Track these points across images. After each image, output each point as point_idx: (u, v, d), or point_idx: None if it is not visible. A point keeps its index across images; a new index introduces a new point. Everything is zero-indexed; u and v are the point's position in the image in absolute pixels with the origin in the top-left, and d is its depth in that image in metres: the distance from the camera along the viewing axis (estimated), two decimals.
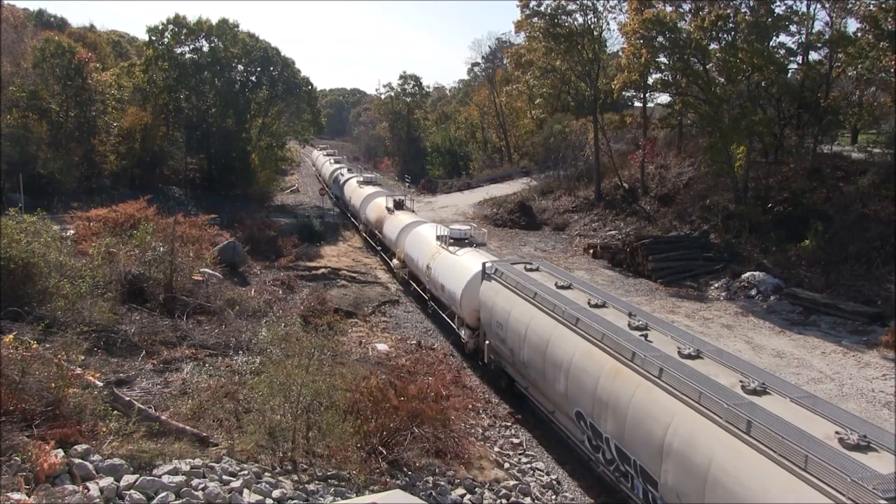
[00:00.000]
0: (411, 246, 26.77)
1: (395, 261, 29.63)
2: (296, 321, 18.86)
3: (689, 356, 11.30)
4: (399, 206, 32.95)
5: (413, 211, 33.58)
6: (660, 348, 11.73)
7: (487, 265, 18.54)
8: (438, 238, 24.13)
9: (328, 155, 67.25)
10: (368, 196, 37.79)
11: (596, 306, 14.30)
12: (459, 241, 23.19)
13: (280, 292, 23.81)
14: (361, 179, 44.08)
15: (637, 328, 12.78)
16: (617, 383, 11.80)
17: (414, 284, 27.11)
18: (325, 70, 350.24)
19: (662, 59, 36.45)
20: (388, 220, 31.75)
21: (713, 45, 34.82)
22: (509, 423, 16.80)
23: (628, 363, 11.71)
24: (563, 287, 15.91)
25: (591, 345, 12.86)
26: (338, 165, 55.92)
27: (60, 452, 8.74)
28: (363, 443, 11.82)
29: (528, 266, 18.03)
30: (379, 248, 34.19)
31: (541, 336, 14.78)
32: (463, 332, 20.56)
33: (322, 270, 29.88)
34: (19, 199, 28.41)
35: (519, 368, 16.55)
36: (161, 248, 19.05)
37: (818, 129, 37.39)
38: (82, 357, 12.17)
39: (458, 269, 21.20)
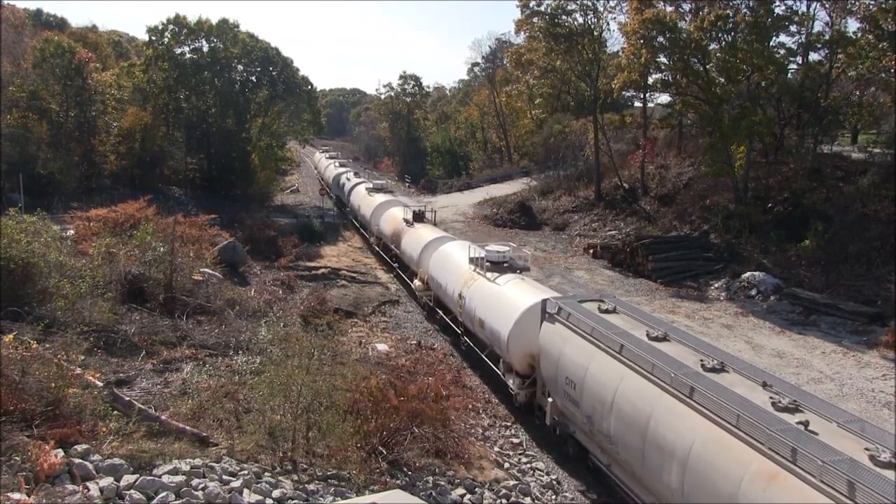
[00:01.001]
0: (437, 267, 23.18)
1: (416, 282, 25.73)
2: (296, 321, 18.88)
3: (888, 464, 7.82)
4: (419, 217, 29.00)
5: (434, 224, 29.83)
6: (833, 445, 8.34)
7: (549, 303, 15.01)
8: (472, 261, 20.48)
9: (331, 157, 63.54)
10: (381, 206, 34.25)
11: (713, 370, 10.74)
12: (498, 266, 19.64)
13: (280, 292, 23.82)
14: (371, 186, 39.83)
15: (786, 409, 9.30)
16: (772, 494, 8.43)
17: (441, 313, 23.30)
18: (325, 70, 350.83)
19: (662, 59, 36.46)
20: (407, 235, 27.96)
21: (713, 45, 34.82)
22: (509, 423, 16.80)
23: (788, 465, 8.36)
24: (658, 339, 12.17)
25: (722, 430, 9.47)
26: (343, 169, 52.38)
27: (60, 452, 8.74)
28: (363, 443, 11.82)
29: (603, 306, 14.26)
30: (395, 265, 30.26)
31: (637, 408, 11.31)
32: (511, 380, 16.88)
33: (322, 270, 29.89)
34: (19, 199, 28.43)
35: (599, 441, 13.07)
36: (161, 248, 19.05)
37: (818, 129, 37.40)
38: (82, 357, 12.17)
39: (503, 303, 17.64)
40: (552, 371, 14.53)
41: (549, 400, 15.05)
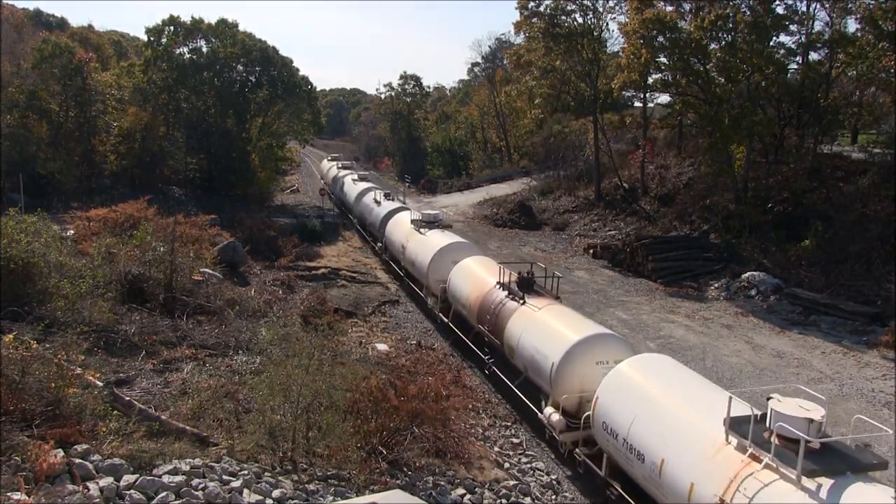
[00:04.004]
0: (620, 409, 12.14)
1: (552, 413, 14.61)
2: (296, 321, 18.85)
3: None
4: (527, 285, 18.04)
5: (557, 297, 18.12)
6: None
7: None
8: (736, 428, 9.71)
9: (345, 167, 52.07)
10: (445, 252, 23.49)
11: None
12: (795, 447, 8.75)
13: (280, 292, 23.80)
14: (420, 218, 27.42)
15: None
16: None
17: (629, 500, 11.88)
18: (325, 70, 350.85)
19: (662, 59, 36.44)
20: (519, 319, 16.95)
21: (713, 45, 34.81)
22: (509, 423, 16.79)
23: None
24: None
25: None
26: (364, 185, 41.04)
27: (60, 452, 8.74)
28: (363, 443, 11.82)
29: None
30: (488, 357, 18.70)
31: None
32: None
33: (322, 270, 29.87)
34: (19, 199, 28.46)
35: None
36: (161, 248, 19.06)
37: (818, 129, 37.38)
38: (82, 357, 12.17)
39: None
40: None
41: None
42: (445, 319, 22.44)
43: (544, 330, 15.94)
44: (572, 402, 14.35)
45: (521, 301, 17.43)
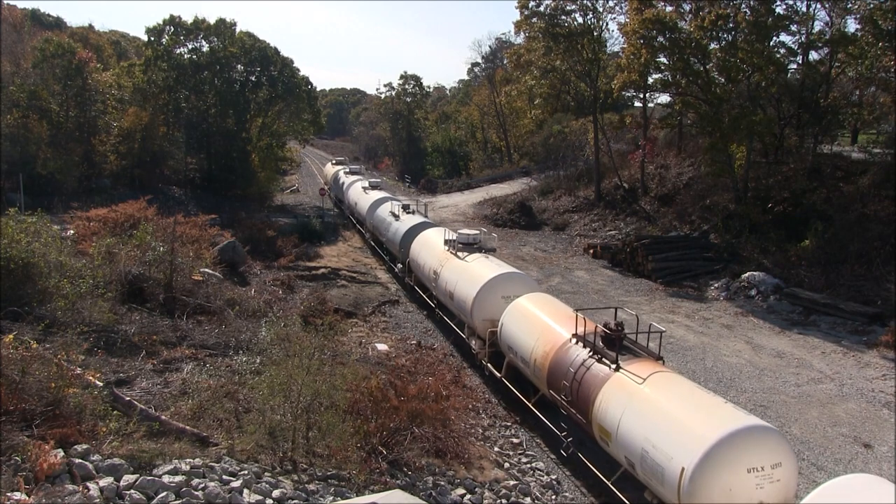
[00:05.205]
0: None
1: None
2: (296, 321, 18.86)
3: None
4: (617, 341, 13.57)
5: (660, 358, 13.47)
6: None
7: None
8: None
9: (352, 172, 47.70)
10: (494, 283, 18.81)
11: None
12: None
13: (280, 292, 23.82)
14: (457, 240, 22.46)
15: None
16: None
17: None
18: (325, 70, 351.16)
19: (662, 59, 36.45)
20: (615, 394, 12.33)
21: (713, 45, 34.81)
22: (509, 423, 16.79)
23: None
24: None
25: None
26: (377, 195, 36.01)
27: (60, 452, 8.74)
28: (363, 443, 11.82)
29: None
30: (566, 436, 14.44)
31: None
32: None
33: (322, 270, 29.89)
34: (19, 199, 28.45)
35: None
36: (161, 248, 19.05)
37: (818, 129, 37.38)
38: (82, 357, 12.15)
39: None
40: None
41: None
42: (498, 374, 17.62)
43: (660, 415, 11.28)
44: None
45: (615, 366, 12.77)
